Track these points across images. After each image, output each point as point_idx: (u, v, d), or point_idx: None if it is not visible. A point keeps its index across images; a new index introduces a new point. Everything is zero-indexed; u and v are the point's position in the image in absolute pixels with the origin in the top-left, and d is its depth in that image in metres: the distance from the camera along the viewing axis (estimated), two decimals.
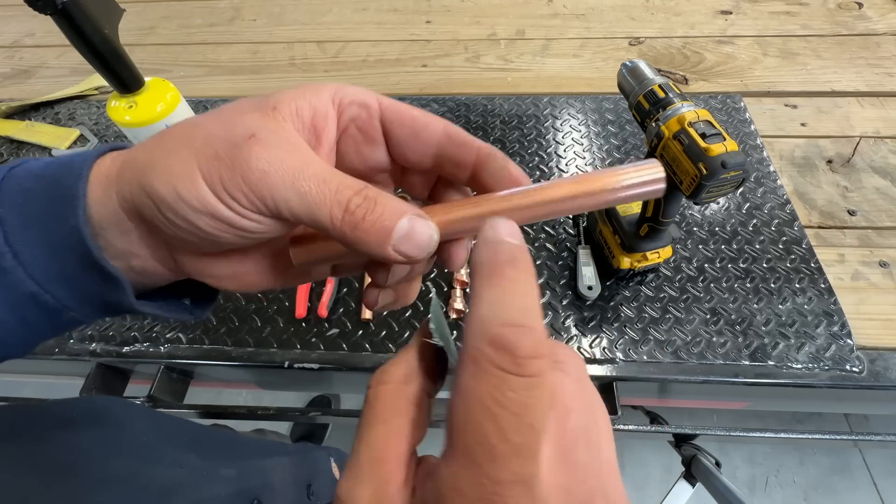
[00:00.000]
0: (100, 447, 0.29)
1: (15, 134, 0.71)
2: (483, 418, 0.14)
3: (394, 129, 0.21)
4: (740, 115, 0.68)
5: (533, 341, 0.14)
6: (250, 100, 0.19)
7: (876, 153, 0.64)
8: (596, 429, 0.16)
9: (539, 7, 0.90)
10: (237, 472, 0.36)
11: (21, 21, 0.95)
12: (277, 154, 0.17)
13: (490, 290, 0.16)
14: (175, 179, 0.17)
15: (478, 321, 0.15)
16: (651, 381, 0.49)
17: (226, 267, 0.21)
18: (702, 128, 0.38)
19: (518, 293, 0.16)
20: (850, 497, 1.18)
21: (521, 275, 0.16)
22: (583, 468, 0.15)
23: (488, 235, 0.18)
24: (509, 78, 0.77)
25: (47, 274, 0.19)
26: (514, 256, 0.17)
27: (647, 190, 0.20)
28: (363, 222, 0.17)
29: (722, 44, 0.80)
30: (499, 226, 0.18)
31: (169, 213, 0.17)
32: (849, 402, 0.66)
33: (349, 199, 0.18)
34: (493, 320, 0.15)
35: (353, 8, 0.93)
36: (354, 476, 0.16)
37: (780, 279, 0.52)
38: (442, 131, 0.21)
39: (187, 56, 0.85)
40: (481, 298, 0.16)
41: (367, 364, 0.49)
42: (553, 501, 0.14)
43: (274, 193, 0.17)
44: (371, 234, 0.17)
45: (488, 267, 0.16)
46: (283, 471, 0.41)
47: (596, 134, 0.68)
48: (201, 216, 0.17)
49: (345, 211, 0.17)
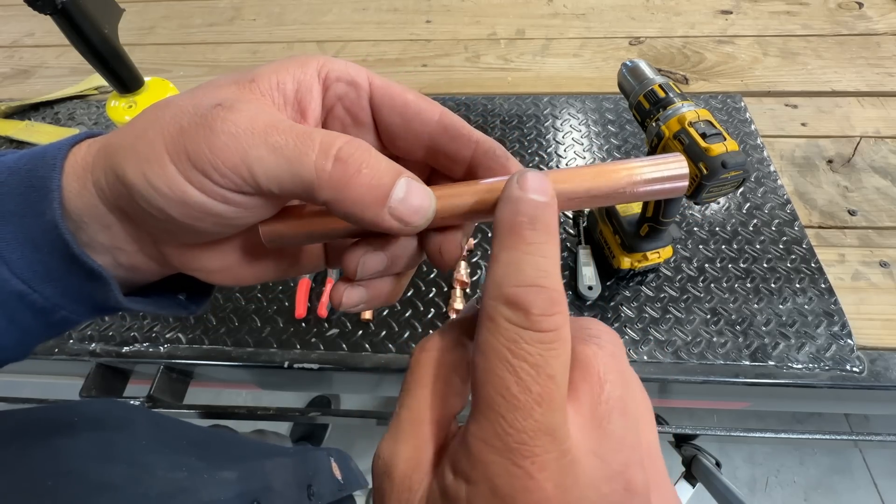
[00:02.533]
0: (100, 452, 0.29)
1: (14, 134, 0.71)
2: (503, 371, 0.14)
3: (383, 113, 0.20)
4: (740, 114, 0.68)
5: (546, 300, 0.14)
6: (229, 74, 0.18)
7: (876, 153, 0.64)
8: (633, 403, 0.16)
9: (539, 7, 0.90)
10: (238, 475, 0.35)
11: (21, 21, 0.94)
12: (246, 115, 0.16)
13: (507, 253, 0.15)
14: (144, 164, 0.16)
15: (494, 282, 0.15)
16: (651, 382, 0.48)
17: (214, 259, 0.20)
18: (702, 128, 0.38)
19: (536, 254, 0.15)
20: (850, 497, 1.18)
21: (541, 236, 0.15)
22: (618, 439, 0.15)
23: (512, 192, 0.16)
24: (509, 78, 0.77)
25: (33, 271, 0.18)
26: (535, 217, 0.15)
27: (666, 187, 0.18)
28: (358, 176, 0.16)
29: (722, 43, 0.80)
30: (526, 180, 0.16)
31: (143, 202, 0.16)
32: (849, 403, 0.66)
33: (339, 147, 0.16)
34: (508, 282, 0.15)
35: (352, 8, 0.92)
36: (394, 436, 0.16)
37: (781, 279, 0.52)
38: (437, 121, 0.19)
39: (187, 56, 0.85)
40: (498, 260, 0.15)
41: (366, 364, 0.49)
42: (585, 464, 0.14)
43: (244, 156, 0.15)
44: (365, 192, 0.16)
45: (507, 227, 0.16)
46: (283, 472, 0.41)
47: (596, 134, 0.68)
48: (173, 204, 0.16)
49: (335, 160, 0.15)
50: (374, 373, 0.50)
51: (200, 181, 0.16)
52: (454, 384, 0.17)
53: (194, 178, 0.16)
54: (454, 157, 0.19)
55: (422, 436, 0.16)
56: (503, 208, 0.16)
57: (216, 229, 0.17)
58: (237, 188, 0.16)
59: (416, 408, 0.17)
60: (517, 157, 0.66)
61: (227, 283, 0.21)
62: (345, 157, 0.16)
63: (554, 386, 0.14)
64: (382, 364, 0.49)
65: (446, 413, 0.17)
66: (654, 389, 0.58)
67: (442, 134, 0.19)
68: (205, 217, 0.17)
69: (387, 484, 0.16)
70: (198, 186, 0.16)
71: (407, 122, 0.19)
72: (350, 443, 1.31)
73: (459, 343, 0.18)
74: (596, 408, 0.15)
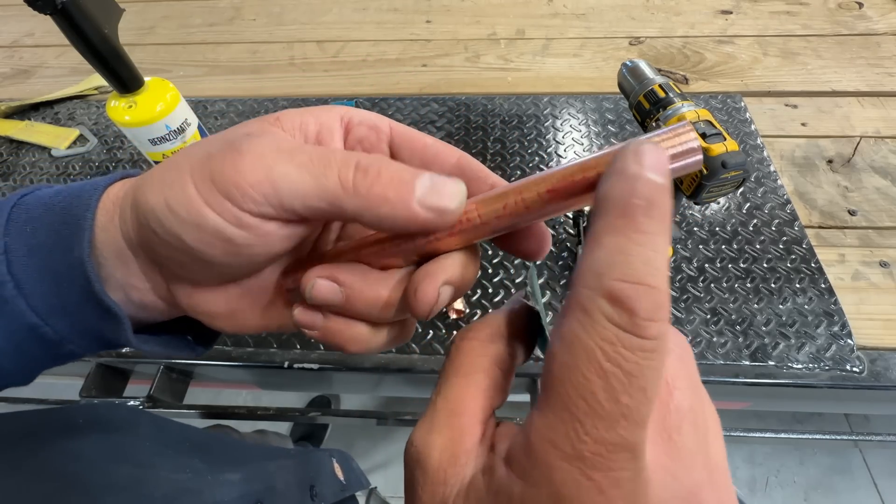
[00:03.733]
0: (103, 454, 0.29)
1: (14, 134, 0.71)
2: (590, 372, 0.12)
3: (403, 154, 0.20)
4: (740, 114, 0.68)
5: (654, 302, 0.12)
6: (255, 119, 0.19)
7: (876, 153, 0.64)
8: (703, 415, 0.15)
9: (539, 7, 0.90)
10: (241, 477, 0.36)
11: (20, 21, 0.94)
12: (272, 139, 0.16)
13: (613, 238, 0.13)
14: (167, 189, 0.16)
15: (593, 269, 0.13)
16: None
17: (221, 302, 0.19)
18: (702, 127, 0.38)
19: (647, 246, 0.13)
20: (850, 497, 1.18)
21: (656, 225, 0.13)
22: (689, 454, 0.14)
23: (629, 166, 0.13)
24: (509, 78, 0.77)
25: (48, 305, 0.18)
26: (653, 202, 0.13)
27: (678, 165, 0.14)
28: (379, 178, 0.15)
29: (722, 43, 0.80)
30: (644, 155, 0.13)
31: (158, 226, 0.16)
32: (849, 403, 0.66)
33: (357, 160, 0.16)
34: (612, 272, 0.13)
35: (352, 7, 0.92)
36: (429, 424, 0.16)
37: (781, 279, 0.52)
38: (454, 163, 0.19)
39: (187, 56, 0.85)
40: (601, 243, 0.13)
41: (366, 364, 0.49)
42: (657, 483, 0.13)
43: (269, 172, 0.15)
44: (391, 190, 0.15)
45: (618, 208, 0.13)
46: (286, 473, 0.41)
47: (596, 134, 0.68)
48: (187, 228, 0.16)
49: (356, 169, 0.16)
50: (374, 373, 0.50)
51: (220, 203, 0.16)
52: (496, 377, 0.17)
53: (213, 201, 0.16)
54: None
55: (459, 427, 0.15)
56: (614, 184, 0.13)
57: (226, 259, 0.17)
58: (257, 210, 0.16)
59: (453, 397, 0.16)
60: (517, 156, 0.66)
61: (232, 330, 0.20)
62: (365, 166, 0.16)
63: (645, 400, 0.12)
64: (382, 364, 0.49)
65: (486, 406, 0.16)
66: None
67: (459, 175, 0.18)
68: (217, 244, 0.16)
69: (419, 474, 0.15)
70: (216, 209, 0.16)
71: (426, 164, 0.20)
72: (350, 443, 1.31)
73: (502, 335, 0.18)
74: (665, 417, 0.14)
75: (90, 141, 0.71)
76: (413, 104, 0.73)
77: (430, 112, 0.72)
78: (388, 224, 0.16)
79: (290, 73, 0.80)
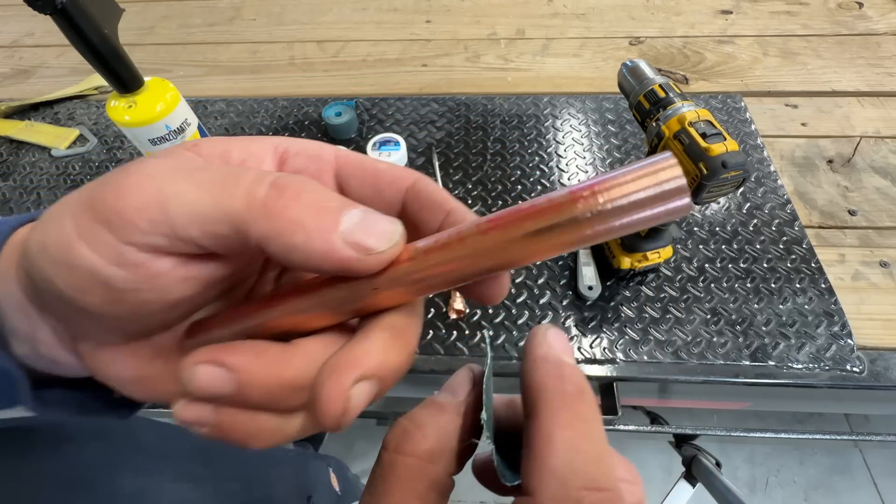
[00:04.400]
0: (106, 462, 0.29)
1: (14, 134, 0.71)
2: None
3: (352, 184, 0.17)
4: (741, 114, 0.68)
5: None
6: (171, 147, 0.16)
7: (876, 153, 0.64)
8: None
9: (539, 6, 0.90)
10: (241, 487, 0.36)
11: (20, 21, 0.94)
12: (173, 159, 0.14)
13: (563, 432, 0.13)
14: (46, 226, 0.13)
15: (553, 474, 0.13)
16: (651, 382, 0.48)
17: (129, 365, 0.16)
18: (702, 127, 0.38)
19: (594, 438, 0.13)
20: (850, 497, 1.18)
21: (591, 411, 0.14)
22: None
23: (545, 353, 0.15)
24: (509, 77, 0.77)
25: None
26: (582, 388, 0.14)
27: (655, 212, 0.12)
28: (299, 200, 0.13)
29: (722, 43, 0.80)
30: (554, 340, 0.15)
31: (31, 269, 0.14)
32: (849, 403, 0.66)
33: (275, 178, 0.13)
34: (573, 478, 0.13)
35: (352, 7, 0.92)
36: None
37: (781, 279, 0.52)
38: (409, 187, 0.17)
39: (187, 56, 0.85)
40: (552, 440, 0.13)
41: None
42: None
43: (158, 193, 0.12)
44: (310, 215, 0.13)
45: (558, 399, 0.14)
46: (285, 483, 0.41)
47: (596, 134, 0.68)
48: (59, 269, 0.13)
49: (270, 186, 0.13)
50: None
51: (96, 236, 0.12)
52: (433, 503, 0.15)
53: (89, 234, 0.12)
54: (422, 227, 0.17)
55: None
56: (545, 371, 0.14)
57: (108, 309, 0.14)
58: (143, 241, 0.13)
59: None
60: (517, 156, 0.66)
61: (146, 399, 0.17)
62: (283, 184, 0.13)
63: None
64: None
65: None
66: (654, 390, 0.58)
67: (413, 201, 0.17)
68: (93, 288, 0.13)
69: None
70: (90, 243, 0.12)
71: (379, 193, 0.17)
72: (350, 443, 1.31)
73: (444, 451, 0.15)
74: None
75: (90, 141, 0.71)
76: (413, 104, 0.73)
77: (430, 112, 0.72)
78: (297, 258, 0.13)
79: (290, 73, 0.80)
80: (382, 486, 0.15)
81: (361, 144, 0.67)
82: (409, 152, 0.67)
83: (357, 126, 0.70)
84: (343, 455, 1.28)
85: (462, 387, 0.18)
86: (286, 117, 0.73)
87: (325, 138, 0.69)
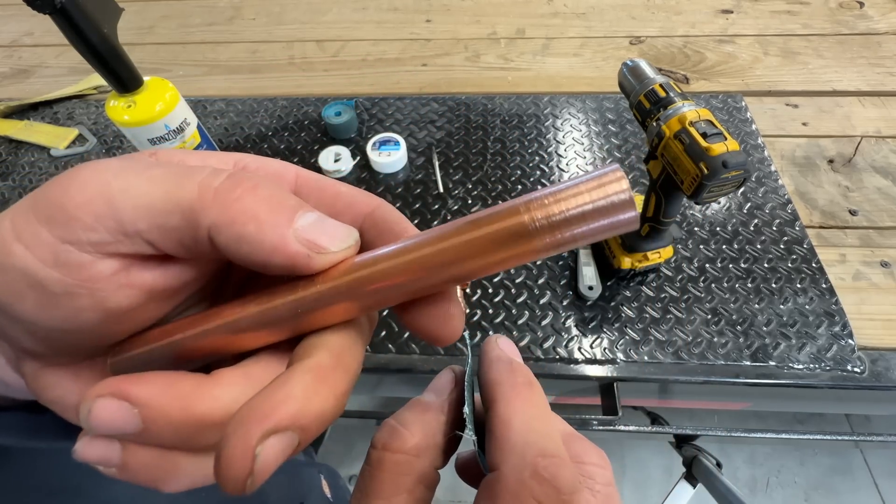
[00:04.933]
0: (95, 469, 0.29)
1: (14, 133, 0.71)
2: None
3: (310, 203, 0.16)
4: (741, 114, 0.68)
5: (571, 473, 0.14)
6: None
7: (877, 153, 0.64)
8: None
9: (539, 6, 0.90)
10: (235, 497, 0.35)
11: (20, 20, 0.94)
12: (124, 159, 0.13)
13: (518, 416, 0.16)
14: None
15: (513, 450, 0.15)
16: (652, 382, 0.48)
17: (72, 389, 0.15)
18: (703, 127, 0.37)
19: (543, 419, 0.16)
20: (851, 497, 1.18)
21: (539, 398, 0.16)
22: None
23: (498, 354, 0.18)
24: (509, 77, 0.77)
25: None
26: (530, 380, 0.17)
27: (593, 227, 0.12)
28: (255, 192, 0.12)
29: (723, 43, 0.80)
30: (504, 345, 0.18)
31: None
32: (850, 403, 0.66)
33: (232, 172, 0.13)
34: (528, 450, 0.15)
35: (352, 7, 0.92)
36: None
37: (782, 279, 0.52)
38: (369, 213, 0.16)
39: (186, 55, 0.85)
40: (510, 423, 0.15)
41: (366, 364, 0.49)
42: None
43: (105, 188, 0.12)
44: (265, 208, 0.12)
45: (509, 388, 0.16)
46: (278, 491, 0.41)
47: (596, 133, 0.68)
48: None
49: (226, 177, 0.13)
50: (373, 373, 0.50)
51: (34, 234, 0.12)
52: (420, 496, 0.16)
53: (27, 232, 0.12)
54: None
55: None
56: (496, 369, 0.17)
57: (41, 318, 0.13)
58: (87, 239, 0.12)
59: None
60: (518, 156, 0.66)
61: None
62: (239, 178, 0.13)
63: None
64: (382, 364, 0.49)
65: None
66: (654, 390, 0.58)
67: (371, 228, 0.16)
68: (25, 292, 0.12)
69: None
70: (26, 241, 0.12)
71: (336, 215, 0.16)
72: (349, 443, 1.31)
73: (430, 446, 0.16)
74: None
75: (89, 140, 0.71)
76: (413, 104, 0.73)
77: (430, 111, 0.72)
78: (246, 249, 0.12)
79: (289, 72, 0.80)
80: (372, 481, 0.16)
81: (361, 144, 0.67)
82: (409, 152, 0.67)
83: (357, 126, 0.70)
84: (343, 456, 1.28)
85: (445, 387, 0.19)
86: (286, 117, 0.73)
87: (324, 138, 0.69)
